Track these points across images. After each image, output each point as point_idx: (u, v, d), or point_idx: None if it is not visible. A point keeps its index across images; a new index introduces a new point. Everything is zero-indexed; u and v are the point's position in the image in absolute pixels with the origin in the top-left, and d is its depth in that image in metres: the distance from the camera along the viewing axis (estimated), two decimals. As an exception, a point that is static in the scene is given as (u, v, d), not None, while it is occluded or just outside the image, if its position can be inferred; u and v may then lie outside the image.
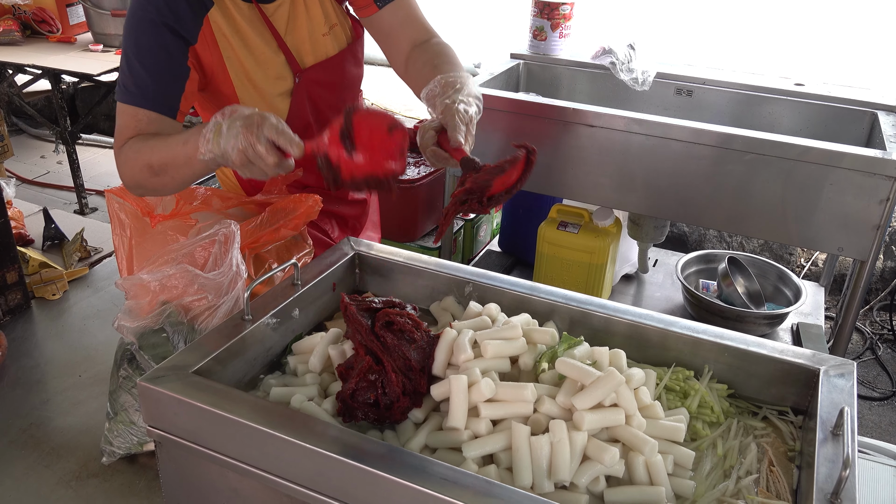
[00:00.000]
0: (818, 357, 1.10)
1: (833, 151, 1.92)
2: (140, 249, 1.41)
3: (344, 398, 1.05)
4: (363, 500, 0.88)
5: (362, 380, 1.05)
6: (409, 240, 2.79)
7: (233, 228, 1.32)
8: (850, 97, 2.37)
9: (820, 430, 0.96)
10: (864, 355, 3.20)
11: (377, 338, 1.10)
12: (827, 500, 0.85)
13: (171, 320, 1.29)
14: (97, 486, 1.30)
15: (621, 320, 1.19)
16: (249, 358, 1.15)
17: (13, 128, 5.56)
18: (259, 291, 1.33)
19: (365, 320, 1.12)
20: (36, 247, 2.13)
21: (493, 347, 1.09)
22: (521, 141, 1.23)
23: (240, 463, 0.96)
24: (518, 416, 1.03)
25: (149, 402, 1.00)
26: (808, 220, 2.01)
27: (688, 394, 1.12)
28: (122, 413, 1.33)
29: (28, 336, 1.71)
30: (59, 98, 4.00)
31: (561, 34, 2.72)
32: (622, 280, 2.65)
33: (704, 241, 3.79)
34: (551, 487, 0.95)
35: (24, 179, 4.89)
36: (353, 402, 1.04)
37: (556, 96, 2.75)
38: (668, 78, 2.61)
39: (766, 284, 2.45)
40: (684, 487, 0.99)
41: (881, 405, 2.92)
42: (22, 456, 1.36)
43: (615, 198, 2.27)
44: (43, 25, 4.26)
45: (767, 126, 2.47)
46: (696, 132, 2.06)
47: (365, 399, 1.04)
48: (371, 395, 1.05)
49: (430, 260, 1.35)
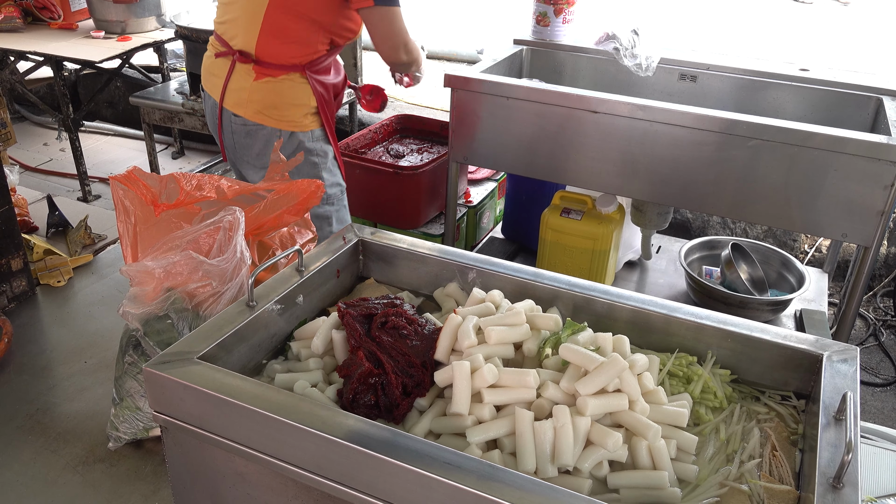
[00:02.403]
0: (821, 342, 1.11)
1: (837, 137, 1.91)
2: (144, 236, 1.42)
3: (344, 405, 1.06)
4: (368, 484, 0.88)
5: (362, 384, 1.06)
6: (412, 227, 2.79)
7: (237, 215, 1.32)
8: (855, 82, 2.36)
9: (823, 414, 0.96)
10: (868, 341, 3.20)
11: (373, 340, 1.12)
12: (829, 484, 0.85)
13: (176, 307, 1.30)
14: (104, 471, 1.31)
15: (625, 306, 1.19)
16: (254, 344, 1.16)
17: (15, 115, 5.56)
18: (263, 278, 1.33)
19: (362, 326, 1.14)
20: (40, 234, 2.13)
21: (496, 333, 1.10)
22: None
23: (245, 448, 0.96)
24: (521, 402, 1.03)
25: (154, 388, 1.01)
26: (812, 206, 2.01)
27: (691, 379, 1.13)
28: (128, 399, 1.34)
29: (33, 323, 1.72)
30: (61, 85, 4.00)
31: (564, 20, 2.70)
32: (625, 267, 2.65)
33: (708, 228, 3.79)
34: (555, 472, 0.95)
35: (27, 167, 4.90)
36: (354, 407, 1.05)
37: (559, 82, 2.74)
38: (671, 63, 2.60)
39: (770, 271, 2.45)
40: (687, 472, 0.99)
41: (884, 391, 2.93)
42: (29, 441, 1.37)
43: (618, 184, 2.27)
44: (44, 12, 4.24)
45: (772, 112, 2.46)
46: (699, 118, 2.05)
47: (365, 401, 1.05)
48: (371, 396, 1.06)
49: (434, 246, 1.35)
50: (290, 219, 1.47)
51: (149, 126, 3.98)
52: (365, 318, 1.17)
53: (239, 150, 2.28)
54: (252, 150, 2.26)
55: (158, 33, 4.17)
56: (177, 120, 3.78)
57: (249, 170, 2.32)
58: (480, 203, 2.94)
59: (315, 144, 2.29)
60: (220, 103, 2.24)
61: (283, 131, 2.23)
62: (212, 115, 2.32)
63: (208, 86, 2.31)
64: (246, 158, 2.29)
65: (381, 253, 1.38)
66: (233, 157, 2.34)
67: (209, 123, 2.39)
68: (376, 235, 1.39)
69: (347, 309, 1.17)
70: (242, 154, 2.29)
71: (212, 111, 2.31)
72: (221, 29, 2.24)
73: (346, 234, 1.39)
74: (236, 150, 2.29)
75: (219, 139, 2.33)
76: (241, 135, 2.25)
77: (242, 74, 2.20)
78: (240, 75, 2.20)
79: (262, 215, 1.43)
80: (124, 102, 5.30)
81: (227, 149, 2.33)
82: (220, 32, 2.25)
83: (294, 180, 1.49)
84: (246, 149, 2.27)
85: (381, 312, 1.16)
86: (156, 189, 1.44)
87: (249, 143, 2.25)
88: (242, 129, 2.23)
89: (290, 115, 2.23)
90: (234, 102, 2.22)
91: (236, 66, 2.19)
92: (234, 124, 2.24)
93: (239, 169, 2.36)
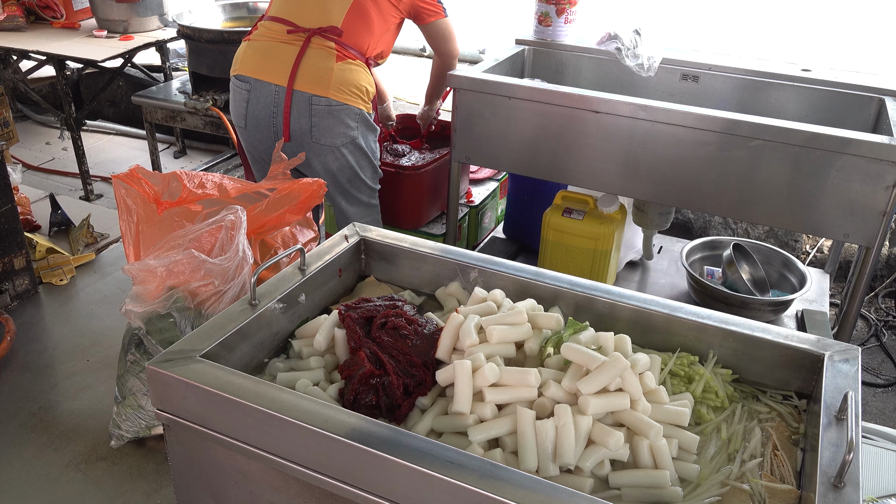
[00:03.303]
0: (823, 342, 1.11)
1: (839, 137, 1.91)
2: (147, 235, 1.42)
3: (346, 406, 1.06)
4: (370, 482, 0.89)
5: (363, 384, 1.07)
6: (414, 227, 2.79)
7: (239, 214, 1.33)
8: (857, 83, 2.36)
9: (824, 414, 0.96)
10: (869, 342, 3.20)
11: (373, 341, 1.13)
12: (830, 484, 0.85)
13: (178, 305, 1.30)
14: (106, 469, 1.31)
15: (626, 306, 1.20)
16: (256, 342, 1.16)
17: (18, 114, 5.57)
18: (265, 277, 1.33)
19: (362, 328, 1.15)
20: (43, 232, 2.14)
21: (498, 333, 1.10)
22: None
23: (247, 445, 0.96)
24: (522, 401, 1.03)
25: (157, 386, 1.01)
26: (813, 206, 2.01)
27: (692, 379, 1.13)
28: (130, 397, 1.34)
29: (36, 321, 1.72)
30: (63, 84, 4.01)
31: (566, 20, 2.70)
32: (627, 267, 2.65)
33: (709, 228, 3.79)
34: (556, 471, 0.95)
35: (30, 166, 4.90)
36: (356, 408, 1.06)
37: (561, 82, 2.74)
38: (673, 64, 2.60)
39: (772, 271, 2.44)
40: (688, 471, 0.99)
41: (885, 392, 2.92)
42: (31, 439, 1.37)
43: (620, 184, 2.27)
44: (47, 11, 4.25)
45: (774, 112, 2.46)
46: (701, 118, 2.05)
47: (367, 402, 1.06)
48: (373, 397, 1.06)
49: (436, 245, 1.35)
50: (291, 218, 1.48)
51: (151, 125, 3.98)
52: (365, 321, 1.17)
53: (317, 132, 2.32)
54: (334, 130, 2.32)
55: (161, 32, 4.18)
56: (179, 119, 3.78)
57: (325, 151, 2.36)
58: (482, 203, 2.94)
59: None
60: (290, 85, 2.26)
61: (362, 110, 2.35)
62: (269, 101, 2.32)
63: (265, 72, 2.31)
64: (324, 140, 2.33)
65: (384, 252, 1.38)
66: (302, 141, 2.35)
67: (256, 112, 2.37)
68: (378, 234, 1.39)
69: (348, 312, 1.18)
70: (320, 136, 2.33)
71: (270, 98, 2.31)
72: (288, 11, 2.31)
73: (347, 233, 1.39)
74: (313, 133, 2.32)
75: (284, 124, 2.33)
76: (322, 115, 2.29)
77: (322, 56, 2.26)
78: (318, 56, 2.26)
79: (264, 214, 1.43)
80: (126, 101, 5.30)
81: (296, 133, 2.34)
82: (286, 15, 2.31)
83: (295, 180, 1.49)
84: (326, 130, 2.32)
85: (381, 314, 1.17)
86: (158, 187, 1.44)
87: (331, 125, 2.31)
88: (325, 109, 2.28)
89: (366, 95, 2.35)
90: (313, 83, 2.26)
91: (311, 46, 2.25)
92: (314, 106, 2.28)
93: (306, 152, 2.32)
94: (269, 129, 2.37)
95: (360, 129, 2.38)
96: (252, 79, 2.34)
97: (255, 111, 2.37)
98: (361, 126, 2.37)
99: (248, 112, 2.39)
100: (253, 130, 2.41)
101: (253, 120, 2.39)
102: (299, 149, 2.36)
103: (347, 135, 2.35)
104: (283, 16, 2.32)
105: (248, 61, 2.36)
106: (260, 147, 2.46)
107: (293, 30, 2.28)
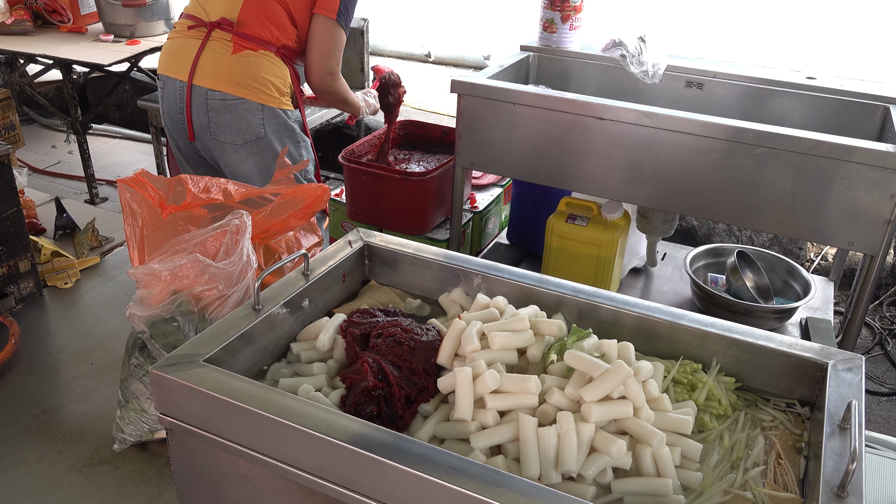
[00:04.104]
0: (826, 351, 1.10)
1: (844, 145, 1.91)
2: (151, 239, 1.42)
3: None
4: (371, 488, 0.89)
5: (365, 396, 1.07)
6: (419, 232, 2.79)
7: (244, 218, 1.33)
8: (861, 91, 2.36)
9: (827, 423, 0.96)
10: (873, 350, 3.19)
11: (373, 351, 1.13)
12: (834, 493, 0.85)
13: (182, 309, 1.30)
14: (109, 472, 1.31)
15: (630, 313, 1.19)
16: (259, 347, 1.16)
17: (24, 117, 5.60)
18: (269, 282, 1.34)
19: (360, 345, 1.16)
20: (48, 236, 2.14)
21: (500, 339, 1.10)
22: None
23: (249, 451, 0.97)
24: (523, 408, 1.03)
25: (160, 390, 1.01)
26: (818, 214, 2.01)
27: (695, 386, 1.13)
28: (134, 401, 1.34)
29: (40, 324, 1.73)
30: (69, 88, 4.03)
31: (571, 26, 2.71)
32: (630, 273, 2.65)
33: (713, 235, 3.78)
34: (558, 478, 0.95)
35: (35, 169, 4.92)
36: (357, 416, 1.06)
37: (565, 89, 2.75)
38: (678, 71, 2.61)
39: (775, 279, 2.44)
40: (691, 479, 0.99)
41: (889, 401, 2.91)
42: (35, 442, 1.38)
43: (624, 191, 2.27)
44: (54, 15, 4.27)
45: (778, 119, 2.46)
46: (706, 125, 2.05)
47: (368, 412, 1.06)
48: (374, 407, 1.06)
49: (439, 251, 1.36)
50: (296, 223, 1.48)
51: (156, 129, 4.00)
52: (364, 339, 1.18)
53: (215, 128, 2.20)
54: (232, 126, 2.19)
55: (167, 37, 4.19)
56: (184, 123, 3.79)
57: (226, 150, 2.23)
58: (486, 208, 2.94)
59: (296, 124, 2.28)
60: (190, 81, 2.17)
61: (265, 106, 2.18)
62: (176, 98, 2.24)
63: (172, 69, 2.25)
64: (223, 137, 2.20)
65: (387, 257, 1.39)
66: (204, 139, 2.24)
67: (168, 110, 2.29)
68: (382, 240, 1.39)
69: (350, 328, 1.18)
70: (219, 132, 2.20)
71: (177, 95, 2.23)
72: (194, 8, 2.25)
73: (351, 239, 1.39)
74: (211, 130, 2.20)
75: (186, 121, 2.23)
76: (218, 111, 2.17)
77: (218, 49, 2.16)
78: (215, 49, 2.16)
79: (268, 219, 1.44)
80: (132, 105, 5.32)
81: (198, 130, 2.23)
82: (193, 11, 2.24)
83: (300, 185, 1.49)
84: (224, 126, 2.19)
85: (379, 326, 1.17)
86: (163, 192, 1.44)
87: (228, 120, 2.18)
88: (221, 104, 2.16)
89: (271, 89, 2.18)
90: (208, 77, 2.16)
91: (211, 39, 2.16)
92: (209, 101, 2.16)
93: (211, 151, 2.25)
94: (181, 127, 2.29)
95: (269, 128, 2.21)
96: (164, 76, 2.29)
97: (168, 109, 2.30)
98: (270, 124, 2.21)
99: (163, 110, 2.34)
100: (171, 128, 2.35)
101: (167, 118, 2.33)
102: (203, 147, 2.29)
103: (250, 132, 2.20)
104: (190, 11, 2.27)
105: (161, 59, 2.32)
106: (180, 144, 2.37)
107: (194, 24, 2.22)
